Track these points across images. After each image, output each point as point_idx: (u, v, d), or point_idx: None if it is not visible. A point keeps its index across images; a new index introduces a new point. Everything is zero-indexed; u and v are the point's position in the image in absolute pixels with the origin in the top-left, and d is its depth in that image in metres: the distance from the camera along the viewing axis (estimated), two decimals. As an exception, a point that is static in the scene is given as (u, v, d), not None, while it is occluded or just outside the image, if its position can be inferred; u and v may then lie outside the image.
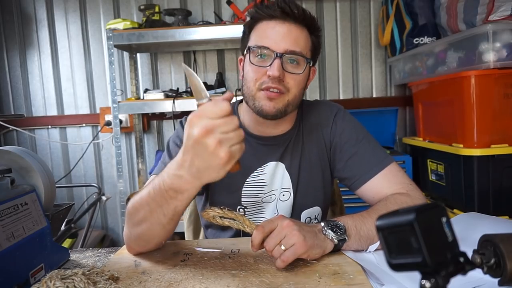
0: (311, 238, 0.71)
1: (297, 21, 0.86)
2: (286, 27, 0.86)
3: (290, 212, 0.99)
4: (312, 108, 1.02)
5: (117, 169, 2.18)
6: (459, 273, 0.41)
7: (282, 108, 0.87)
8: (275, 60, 0.84)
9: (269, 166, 0.97)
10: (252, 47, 0.87)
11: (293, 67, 0.87)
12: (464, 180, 1.78)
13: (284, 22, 0.86)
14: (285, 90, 0.86)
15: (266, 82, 0.85)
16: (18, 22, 2.56)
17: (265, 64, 0.86)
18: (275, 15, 0.86)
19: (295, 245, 0.69)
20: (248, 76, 0.89)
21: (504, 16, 1.64)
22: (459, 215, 0.94)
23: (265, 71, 0.85)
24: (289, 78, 0.86)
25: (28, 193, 0.75)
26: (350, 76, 2.60)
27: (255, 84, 0.87)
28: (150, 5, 2.22)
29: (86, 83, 2.60)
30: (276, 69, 0.83)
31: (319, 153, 0.99)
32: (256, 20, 0.90)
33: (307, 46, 0.89)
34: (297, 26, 0.87)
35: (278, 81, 0.85)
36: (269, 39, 0.85)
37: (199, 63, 2.57)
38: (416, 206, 0.40)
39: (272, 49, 0.85)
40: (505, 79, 1.66)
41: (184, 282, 0.68)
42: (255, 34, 0.89)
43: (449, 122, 1.87)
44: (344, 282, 0.65)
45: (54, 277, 0.62)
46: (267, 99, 0.86)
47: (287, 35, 0.85)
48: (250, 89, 0.88)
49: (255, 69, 0.86)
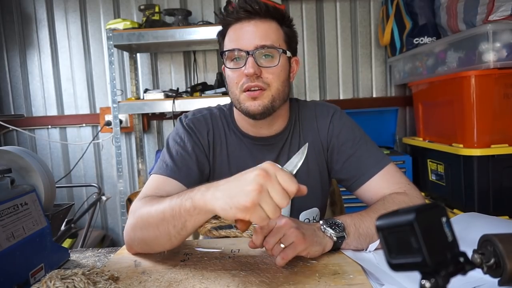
0: (310, 236, 0.71)
1: (263, 16, 0.87)
2: (253, 24, 0.87)
3: (289, 214, 0.98)
4: (309, 109, 1.02)
5: (117, 169, 2.18)
6: (459, 273, 0.41)
7: (267, 104, 0.87)
8: (248, 58, 0.85)
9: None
10: (225, 52, 0.89)
11: (267, 61, 0.87)
12: (464, 180, 1.78)
13: (250, 20, 0.87)
14: (266, 86, 0.87)
15: (245, 82, 0.86)
16: (18, 22, 2.56)
17: (240, 65, 0.87)
18: (240, 16, 0.87)
19: (294, 242, 0.69)
20: (229, 81, 0.90)
21: (504, 16, 1.64)
22: (459, 215, 0.94)
23: (242, 72, 0.86)
24: (267, 73, 0.87)
25: (28, 193, 0.75)
26: (350, 76, 2.60)
27: (237, 87, 0.88)
28: (150, 5, 2.22)
29: (86, 83, 2.60)
30: (250, 67, 0.84)
31: (316, 155, 0.99)
32: (226, 26, 0.92)
33: (279, 38, 0.89)
34: (263, 21, 0.88)
35: (256, 78, 0.86)
36: (239, 40, 0.87)
37: (199, 63, 2.57)
38: (416, 206, 0.40)
39: (243, 49, 0.86)
40: (505, 79, 1.66)
41: (184, 282, 0.68)
42: (227, 39, 0.91)
43: (449, 122, 1.87)
44: (344, 282, 0.65)
45: (54, 277, 0.62)
46: (250, 99, 0.87)
47: (254, 32, 0.86)
48: (234, 93, 0.90)
49: (233, 72, 0.88)
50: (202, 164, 0.94)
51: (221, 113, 1.00)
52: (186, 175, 0.89)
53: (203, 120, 0.98)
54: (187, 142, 0.93)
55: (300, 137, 0.99)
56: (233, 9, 0.89)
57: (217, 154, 0.96)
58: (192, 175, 0.90)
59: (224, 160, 0.96)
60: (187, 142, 0.93)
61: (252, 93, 0.86)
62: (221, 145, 0.96)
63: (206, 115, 0.99)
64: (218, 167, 0.96)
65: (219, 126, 0.98)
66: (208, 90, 2.25)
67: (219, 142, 0.97)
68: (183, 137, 0.95)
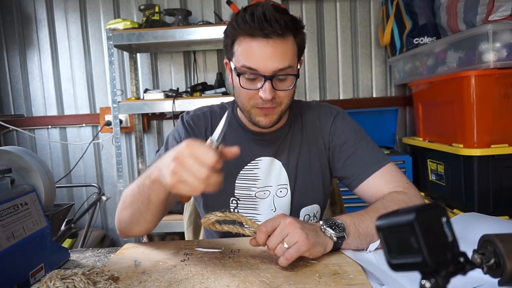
0: (313, 236, 0.72)
1: (281, 35, 0.83)
2: (270, 46, 0.83)
3: (289, 209, 1.00)
4: (312, 110, 1.04)
5: (117, 169, 2.18)
6: (459, 273, 0.41)
7: (276, 118, 0.92)
8: (266, 83, 0.84)
9: (263, 161, 0.99)
10: (240, 72, 0.86)
11: (283, 84, 0.87)
12: (464, 180, 1.78)
13: (268, 40, 0.82)
14: (278, 105, 0.89)
15: (260, 104, 0.88)
16: (18, 22, 2.56)
17: (255, 86, 0.86)
18: (255, 34, 0.82)
19: (298, 242, 0.69)
20: (241, 94, 0.90)
21: (504, 16, 1.64)
22: (459, 215, 0.94)
23: (257, 92, 0.86)
24: (280, 93, 0.88)
25: (28, 193, 0.75)
26: (350, 76, 2.60)
27: (249, 102, 0.89)
28: (150, 5, 2.22)
29: (86, 83, 2.60)
30: (268, 93, 0.84)
31: (318, 153, 1.01)
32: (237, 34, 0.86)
33: (294, 53, 0.88)
34: (281, 39, 0.84)
35: (271, 100, 0.86)
36: (256, 60, 0.84)
37: (199, 63, 2.57)
38: (416, 206, 0.40)
39: (260, 73, 0.84)
40: (505, 79, 1.66)
41: (184, 282, 0.68)
42: (240, 51, 0.86)
43: (449, 122, 1.87)
44: (344, 282, 0.65)
45: (54, 277, 0.62)
46: (262, 115, 0.90)
47: (273, 54, 0.83)
48: (245, 105, 0.91)
49: (247, 91, 0.88)
50: None
51: (222, 111, 1.03)
52: None
53: (203, 117, 1.01)
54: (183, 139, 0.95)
55: (302, 134, 1.01)
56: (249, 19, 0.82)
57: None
58: None
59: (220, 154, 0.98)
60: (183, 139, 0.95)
61: (266, 110, 0.89)
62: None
63: (206, 113, 1.02)
64: None
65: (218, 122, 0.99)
66: (208, 90, 2.25)
67: None
68: (180, 134, 0.99)
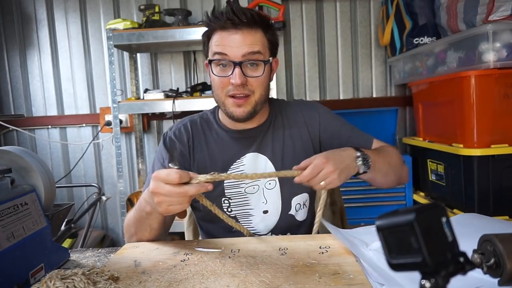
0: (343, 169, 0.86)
1: (249, 25, 0.92)
2: (239, 34, 0.91)
3: (280, 200, 1.03)
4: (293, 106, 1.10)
5: (117, 169, 2.18)
6: (459, 273, 0.41)
7: (251, 109, 0.96)
8: (235, 69, 0.91)
9: (247, 157, 1.03)
10: (212, 59, 0.94)
11: (253, 70, 0.93)
12: (464, 180, 1.78)
13: (237, 30, 0.91)
14: (250, 93, 0.94)
15: (231, 90, 0.93)
16: (18, 22, 2.56)
17: (227, 73, 0.93)
18: (226, 26, 0.91)
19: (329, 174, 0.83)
20: (215, 85, 0.97)
21: (504, 16, 1.64)
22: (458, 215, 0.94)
23: (229, 79, 0.92)
24: (252, 81, 0.93)
25: (28, 193, 0.75)
26: (350, 76, 2.60)
27: (222, 92, 0.95)
28: (150, 5, 2.22)
29: (86, 83, 2.60)
30: (238, 77, 0.90)
31: (303, 145, 1.07)
32: (212, 30, 0.95)
33: (264, 45, 0.95)
34: (249, 31, 0.92)
35: (242, 86, 0.92)
36: (226, 48, 0.91)
37: (199, 63, 2.57)
38: (416, 206, 0.40)
39: (230, 59, 0.91)
40: (505, 79, 1.66)
41: (184, 282, 0.68)
42: (213, 44, 0.95)
43: (449, 122, 1.87)
44: (344, 282, 0.65)
45: (54, 277, 0.62)
46: (235, 105, 0.95)
47: (241, 42, 0.91)
48: (219, 96, 0.96)
49: (219, 78, 0.94)
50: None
51: (201, 119, 1.09)
52: None
53: (184, 129, 1.07)
54: (165, 160, 1.01)
55: (284, 128, 1.07)
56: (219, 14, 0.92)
57: (197, 154, 1.04)
58: None
59: (206, 158, 1.04)
60: (165, 160, 1.01)
61: (238, 100, 0.94)
62: (201, 146, 1.05)
63: (186, 124, 1.08)
64: (201, 166, 1.04)
65: (198, 130, 1.06)
66: (208, 90, 2.25)
67: (199, 144, 1.05)
68: (163, 155, 1.03)
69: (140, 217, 0.88)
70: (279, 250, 0.82)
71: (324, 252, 0.79)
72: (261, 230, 1.03)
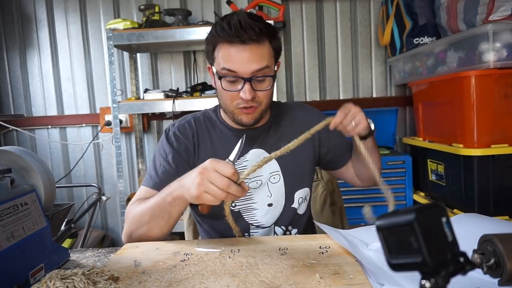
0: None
1: (257, 41, 0.91)
2: (248, 51, 0.91)
3: (284, 193, 1.06)
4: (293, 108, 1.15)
5: (117, 169, 2.18)
6: (459, 273, 0.41)
7: (258, 117, 1.00)
8: (245, 85, 0.92)
9: (250, 153, 1.06)
10: (221, 75, 0.94)
11: (261, 84, 0.95)
12: (464, 180, 1.78)
13: (245, 46, 0.90)
14: (258, 104, 0.97)
15: (241, 103, 0.95)
16: (18, 22, 2.56)
17: (236, 87, 0.94)
18: (234, 41, 0.90)
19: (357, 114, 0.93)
20: (223, 95, 0.98)
21: (504, 16, 1.64)
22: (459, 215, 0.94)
23: (238, 93, 0.94)
24: (259, 94, 0.96)
25: (28, 193, 0.75)
26: (350, 76, 2.60)
27: (231, 103, 0.97)
28: (150, 5, 2.22)
29: (86, 83, 2.60)
30: (248, 94, 0.92)
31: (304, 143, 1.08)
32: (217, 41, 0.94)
33: (270, 56, 0.96)
34: (258, 46, 0.91)
35: (251, 100, 0.94)
36: (235, 63, 0.91)
37: (199, 63, 2.57)
38: (416, 206, 0.40)
39: (239, 75, 0.92)
40: (505, 79, 1.66)
41: (184, 282, 0.68)
42: (220, 56, 0.94)
43: (449, 122, 1.87)
44: (344, 282, 0.65)
45: (54, 277, 0.62)
46: (244, 114, 0.98)
47: (250, 59, 0.91)
48: (227, 106, 0.99)
49: (228, 93, 0.95)
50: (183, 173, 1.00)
51: (204, 116, 1.11)
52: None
53: (188, 125, 1.07)
54: (168, 155, 1.02)
55: (285, 128, 1.10)
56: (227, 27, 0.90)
57: (202, 151, 1.05)
58: None
59: (210, 154, 1.04)
60: (168, 155, 1.02)
61: (247, 110, 0.97)
62: (206, 143, 1.06)
63: (190, 120, 1.09)
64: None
65: (202, 127, 1.08)
66: (208, 90, 2.25)
67: (203, 141, 1.06)
68: (166, 150, 1.04)
69: (162, 202, 0.87)
70: (279, 250, 0.82)
71: (324, 252, 0.79)
72: (265, 222, 1.05)
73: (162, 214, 0.88)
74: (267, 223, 1.05)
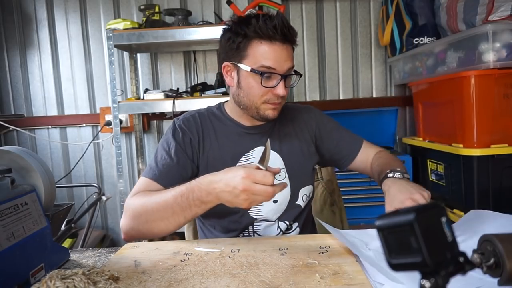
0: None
1: (290, 41, 0.98)
2: (285, 49, 0.96)
3: (289, 190, 1.08)
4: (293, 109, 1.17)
5: (117, 169, 2.18)
6: (459, 273, 0.41)
7: (280, 110, 1.04)
8: (281, 82, 0.96)
9: (256, 150, 1.07)
10: (260, 71, 0.95)
11: (289, 82, 1.02)
12: (464, 180, 1.78)
13: (284, 45, 0.96)
14: (284, 100, 1.03)
15: (272, 99, 0.98)
16: (18, 22, 2.56)
17: (269, 83, 0.97)
18: (276, 39, 0.94)
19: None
20: (253, 91, 0.98)
21: (504, 16, 1.64)
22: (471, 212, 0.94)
23: (268, 89, 0.97)
24: (287, 90, 1.01)
25: (28, 193, 0.75)
26: (350, 76, 2.60)
27: (261, 99, 0.99)
28: (150, 5, 2.22)
29: (86, 83, 2.60)
30: (283, 90, 0.97)
31: (306, 142, 1.13)
32: (254, 37, 0.95)
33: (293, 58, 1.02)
34: (290, 45, 0.98)
35: (282, 96, 0.98)
36: (275, 61, 0.95)
37: (199, 63, 2.57)
38: (416, 206, 0.40)
39: (277, 72, 0.95)
40: (505, 79, 1.66)
41: (184, 282, 0.68)
42: (258, 54, 0.95)
43: (449, 122, 1.87)
44: (344, 282, 0.65)
45: (54, 277, 0.62)
46: (271, 109, 1.00)
47: (287, 57, 0.97)
48: (254, 102, 0.99)
49: (263, 88, 0.97)
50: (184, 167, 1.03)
51: (208, 112, 1.12)
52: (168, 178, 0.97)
53: (192, 119, 1.09)
54: (171, 148, 1.02)
55: (289, 127, 1.13)
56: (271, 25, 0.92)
57: (207, 146, 1.06)
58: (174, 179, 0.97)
59: (216, 149, 1.06)
60: (171, 148, 1.02)
61: (275, 105, 1.00)
62: (211, 138, 1.07)
63: (195, 115, 1.11)
64: (211, 157, 1.06)
65: (207, 122, 1.09)
66: (208, 90, 2.25)
67: (208, 136, 1.07)
68: (169, 144, 1.04)
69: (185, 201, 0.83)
70: (279, 250, 0.82)
71: (324, 252, 0.79)
72: (270, 217, 1.07)
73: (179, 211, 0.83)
74: (272, 217, 1.07)
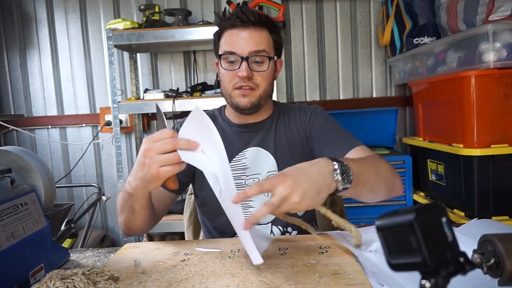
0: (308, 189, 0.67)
1: (256, 25, 1.00)
2: (247, 32, 1.00)
3: None
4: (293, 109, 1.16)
5: (117, 169, 2.18)
6: (459, 273, 0.41)
7: (255, 101, 1.02)
8: (242, 63, 0.98)
9: (249, 151, 1.08)
10: (222, 54, 1.02)
11: (258, 66, 1.01)
12: (464, 180, 1.78)
13: (245, 28, 1.00)
14: (255, 86, 1.01)
15: (238, 82, 1.00)
16: (18, 22, 2.56)
17: (234, 67, 1.00)
18: (236, 24, 1.00)
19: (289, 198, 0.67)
20: (223, 79, 1.04)
21: (504, 16, 1.64)
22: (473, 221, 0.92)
23: (236, 73, 1.00)
24: (257, 75, 1.01)
25: (28, 193, 0.75)
26: (350, 76, 2.60)
27: (230, 85, 1.02)
28: (150, 5, 2.22)
29: (86, 83, 2.60)
30: (244, 70, 0.98)
31: (302, 144, 1.11)
32: (222, 29, 1.03)
33: (269, 44, 1.03)
34: (256, 30, 1.00)
35: (248, 79, 0.99)
36: (235, 45, 1.00)
37: (199, 63, 2.57)
38: (416, 206, 0.40)
39: (238, 54, 0.99)
40: (505, 79, 1.66)
41: (184, 282, 0.68)
42: (223, 42, 1.03)
43: (449, 122, 1.87)
44: (344, 282, 0.65)
45: (54, 277, 0.62)
46: (241, 96, 1.01)
47: (248, 39, 0.99)
48: (227, 89, 1.03)
49: (228, 72, 1.02)
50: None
51: (209, 114, 1.14)
52: None
53: None
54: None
55: (285, 129, 1.12)
56: (230, 14, 1.01)
57: None
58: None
59: None
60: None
61: (243, 90, 1.00)
62: None
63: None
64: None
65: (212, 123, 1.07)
66: (208, 90, 2.25)
67: None
68: None
69: (124, 198, 0.86)
70: (279, 250, 0.82)
71: (324, 252, 0.79)
72: (262, 220, 1.05)
73: (128, 207, 0.85)
74: (264, 220, 1.06)
